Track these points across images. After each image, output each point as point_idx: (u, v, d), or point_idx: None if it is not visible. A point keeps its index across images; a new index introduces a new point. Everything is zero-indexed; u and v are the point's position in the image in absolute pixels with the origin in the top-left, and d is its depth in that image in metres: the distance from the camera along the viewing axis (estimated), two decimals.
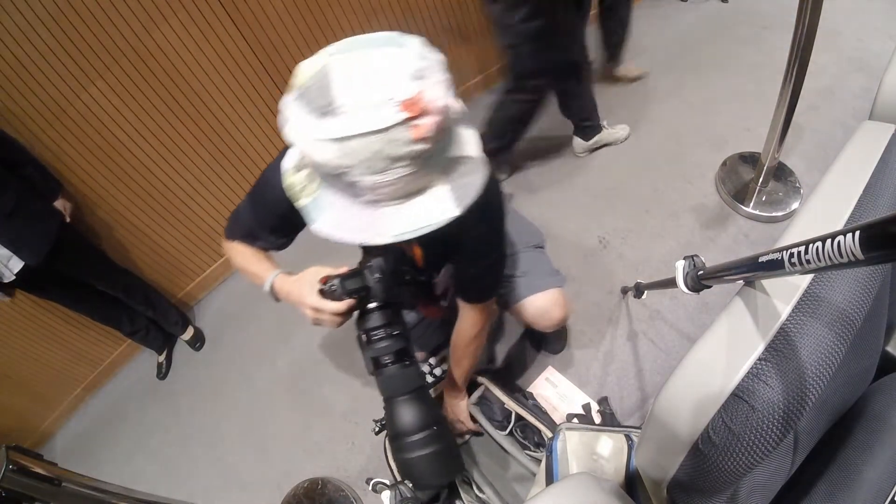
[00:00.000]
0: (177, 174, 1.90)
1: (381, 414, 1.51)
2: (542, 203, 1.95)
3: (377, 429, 1.50)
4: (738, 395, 0.45)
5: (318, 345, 1.85)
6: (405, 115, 0.49)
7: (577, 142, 2.03)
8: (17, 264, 1.50)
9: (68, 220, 1.63)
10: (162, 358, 2.06)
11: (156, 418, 1.93)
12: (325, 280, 0.75)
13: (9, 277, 1.50)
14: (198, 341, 2.08)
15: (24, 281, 1.54)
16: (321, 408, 1.67)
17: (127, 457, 1.87)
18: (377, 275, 0.76)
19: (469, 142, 0.62)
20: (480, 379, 1.33)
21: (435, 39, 2.19)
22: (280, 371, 1.84)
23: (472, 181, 0.59)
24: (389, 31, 0.56)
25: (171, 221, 1.98)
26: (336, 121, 0.50)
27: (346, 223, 0.58)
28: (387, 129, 0.49)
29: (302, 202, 0.63)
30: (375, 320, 0.78)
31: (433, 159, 0.55)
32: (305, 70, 0.54)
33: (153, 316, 1.96)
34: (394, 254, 0.84)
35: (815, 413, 0.64)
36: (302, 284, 0.79)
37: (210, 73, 1.77)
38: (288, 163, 0.66)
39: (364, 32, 0.57)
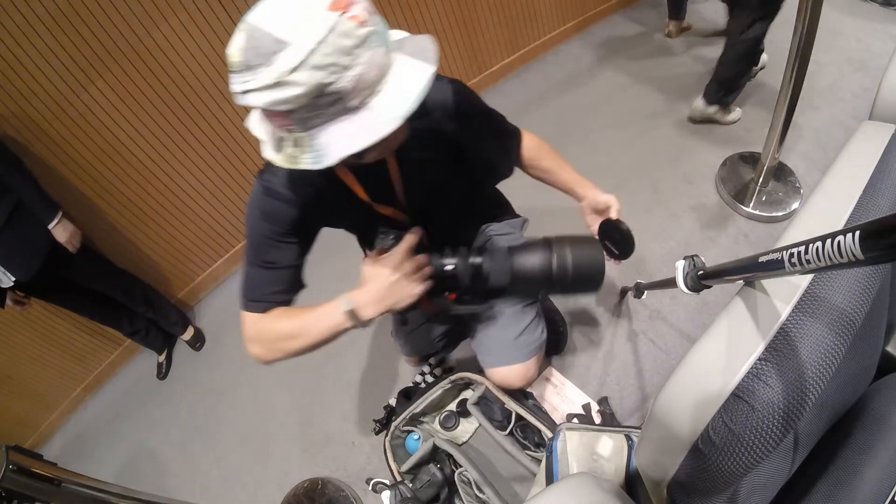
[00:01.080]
0: (176, 174, 1.90)
1: (381, 414, 1.52)
2: (542, 202, 1.95)
3: (377, 428, 1.50)
4: (738, 395, 0.45)
5: None
6: (339, 11, 0.53)
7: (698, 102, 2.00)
8: (8, 280, 1.50)
9: (72, 251, 1.58)
10: (162, 358, 2.06)
11: (156, 418, 1.93)
12: (380, 252, 0.78)
13: (7, 283, 1.50)
14: (198, 341, 2.08)
15: (23, 285, 1.54)
16: (321, 408, 1.67)
17: (127, 457, 1.87)
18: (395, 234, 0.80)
19: (398, 33, 0.67)
20: (480, 379, 1.33)
21: (440, 32, 2.17)
22: (280, 371, 1.84)
23: (422, 45, 0.63)
24: None
25: (170, 221, 1.98)
26: (289, 52, 0.52)
27: (352, 138, 0.59)
28: (332, 28, 0.53)
29: (303, 164, 0.61)
30: (447, 258, 0.80)
31: (382, 37, 0.59)
32: (234, 47, 0.56)
33: (153, 316, 1.96)
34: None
35: (815, 413, 0.64)
36: (377, 272, 0.75)
37: (210, 73, 1.77)
38: (268, 155, 0.66)
39: None
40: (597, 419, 1.32)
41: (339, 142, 0.60)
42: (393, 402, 1.52)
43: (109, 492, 0.94)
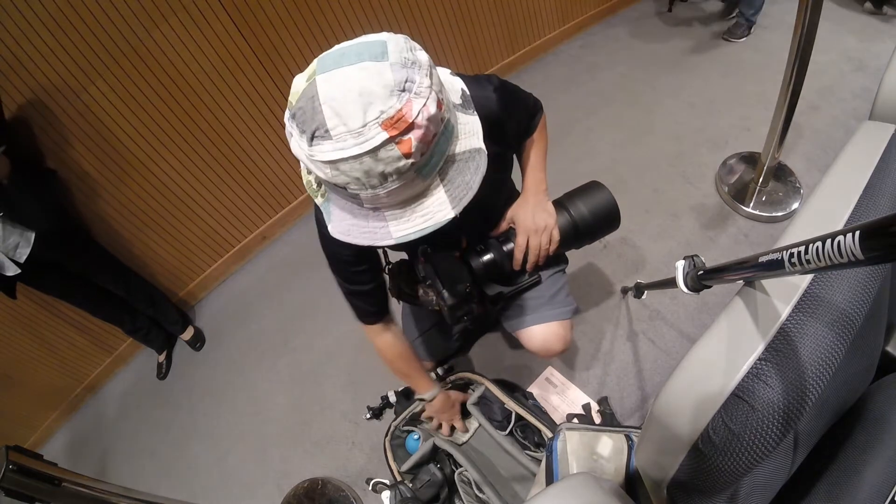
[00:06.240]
0: (176, 174, 1.90)
1: (377, 404, 1.53)
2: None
3: (369, 415, 1.51)
4: (738, 395, 0.45)
5: (318, 345, 1.85)
6: (388, 134, 0.50)
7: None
8: (22, 254, 1.49)
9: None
10: (162, 358, 2.06)
11: (156, 418, 1.93)
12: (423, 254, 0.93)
13: (13, 270, 1.49)
14: (198, 341, 2.08)
15: (28, 275, 1.54)
16: (321, 408, 1.67)
17: (127, 457, 1.87)
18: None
19: (469, 133, 0.63)
20: (480, 379, 1.33)
21: (440, 32, 2.19)
22: (280, 371, 1.84)
23: (467, 180, 0.61)
24: (373, 36, 0.56)
25: (171, 221, 1.98)
26: (326, 145, 0.51)
27: (353, 229, 0.62)
28: (373, 150, 0.50)
29: (317, 201, 0.66)
30: (484, 255, 0.94)
31: (426, 168, 0.56)
32: (297, 87, 0.55)
33: (154, 315, 1.97)
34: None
35: (815, 413, 0.64)
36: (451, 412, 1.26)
37: (210, 73, 1.77)
38: (304, 175, 0.67)
39: (364, 32, 0.58)
40: (597, 419, 1.32)
41: (338, 223, 0.63)
42: (391, 394, 1.52)
43: (109, 492, 0.94)
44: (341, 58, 0.53)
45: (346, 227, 0.62)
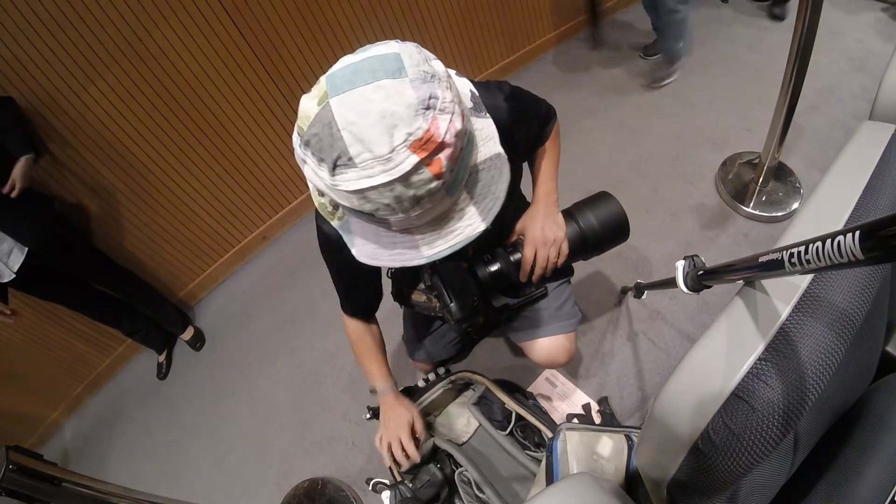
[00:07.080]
0: (176, 174, 1.90)
1: (377, 404, 1.53)
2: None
3: (369, 416, 1.51)
4: (738, 395, 0.45)
5: (318, 345, 1.85)
6: (418, 157, 0.47)
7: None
8: (17, 261, 1.49)
9: (8, 191, 1.47)
10: (162, 358, 2.06)
11: (156, 418, 1.93)
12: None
13: (9, 276, 1.50)
14: (198, 341, 2.08)
15: (24, 280, 1.54)
16: (321, 408, 1.67)
17: (127, 457, 1.87)
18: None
19: (486, 138, 0.60)
20: (481, 378, 1.33)
21: (440, 32, 2.19)
22: (280, 371, 1.84)
23: (493, 189, 0.59)
24: (383, 48, 0.52)
25: (170, 221, 1.98)
26: (351, 173, 0.48)
27: (380, 252, 0.59)
28: (404, 175, 0.47)
29: (334, 224, 0.62)
30: (491, 265, 0.91)
31: (454, 184, 0.54)
32: (306, 110, 0.50)
33: (153, 315, 1.97)
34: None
35: (815, 413, 0.64)
36: (398, 424, 1.04)
37: (210, 73, 1.77)
38: (311, 184, 0.63)
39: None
40: (597, 419, 1.32)
41: (363, 246, 0.60)
42: None
43: (109, 492, 0.94)
44: (354, 76, 0.48)
45: (371, 251, 0.59)
